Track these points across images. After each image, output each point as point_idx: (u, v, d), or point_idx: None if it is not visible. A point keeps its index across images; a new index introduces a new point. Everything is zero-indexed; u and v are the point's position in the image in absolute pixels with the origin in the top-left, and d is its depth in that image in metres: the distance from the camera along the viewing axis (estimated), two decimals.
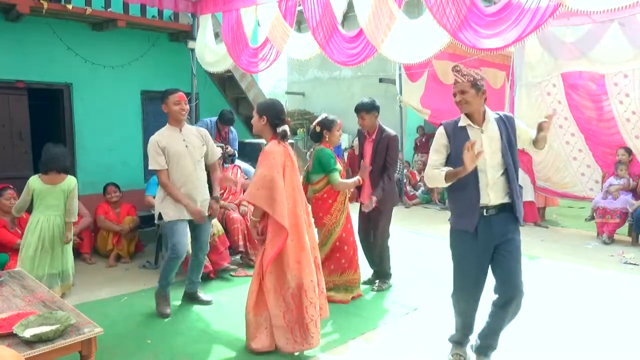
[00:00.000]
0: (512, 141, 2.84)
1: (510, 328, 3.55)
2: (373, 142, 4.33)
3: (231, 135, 6.42)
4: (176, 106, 3.76)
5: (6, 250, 4.45)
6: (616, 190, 6.32)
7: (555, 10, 3.41)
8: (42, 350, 2.13)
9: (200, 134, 3.95)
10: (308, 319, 3.08)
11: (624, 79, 6.42)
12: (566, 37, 6.75)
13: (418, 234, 6.83)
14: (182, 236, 3.77)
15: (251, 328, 3.18)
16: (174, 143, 3.75)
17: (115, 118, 6.64)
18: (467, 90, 2.76)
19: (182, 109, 3.78)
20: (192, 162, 3.80)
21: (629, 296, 4.34)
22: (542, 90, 7.17)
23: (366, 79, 12.47)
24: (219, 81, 7.51)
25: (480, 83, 2.77)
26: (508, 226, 2.83)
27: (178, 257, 3.75)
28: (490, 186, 2.78)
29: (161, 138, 3.74)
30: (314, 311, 3.11)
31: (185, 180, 3.76)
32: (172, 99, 3.76)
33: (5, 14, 5.64)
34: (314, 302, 3.11)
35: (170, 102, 3.77)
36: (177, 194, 3.72)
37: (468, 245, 2.87)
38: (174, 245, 3.72)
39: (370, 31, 4.46)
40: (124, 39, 6.57)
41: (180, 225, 3.77)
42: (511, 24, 3.66)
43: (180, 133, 3.81)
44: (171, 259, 3.76)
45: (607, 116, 6.69)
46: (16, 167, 6.04)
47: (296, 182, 3.21)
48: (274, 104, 3.32)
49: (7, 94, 5.95)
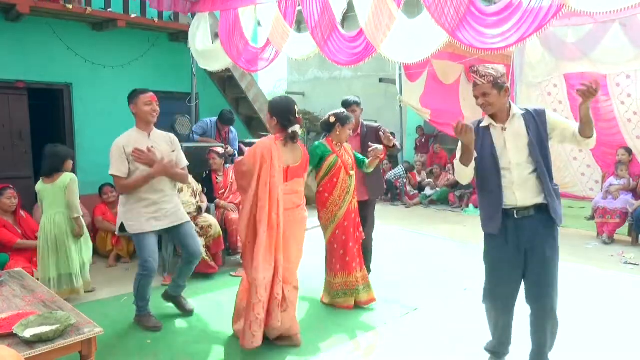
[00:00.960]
0: (542, 137, 2.64)
1: None
2: (359, 136, 4.42)
3: (231, 135, 6.43)
4: (147, 107, 3.43)
5: (6, 250, 4.45)
6: (616, 190, 6.32)
7: (558, 11, 3.39)
8: (42, 350, 2.13)
9: (170, 139, 3.66)
10: (253, 317, 3.04)
11: (626, 79, 6.43)
12: (567, 37, 6.76)
13: (418, 234, 6.83)
14: (153, 251, 3.46)
15: (236, 311, 3.39)
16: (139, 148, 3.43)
17: (115, 118, 6.63)
18: (489, 92, 2.60)
19: (154, 110, 3.46)
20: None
21: (629, 296, 4.34)
22: (543, 91, 7.18)
23: (366, 79, 12.45)
24: (219, 81, 7.51)
25: (501, 81, 2.60)
26: (539, 230, 2.66)
27: (150, 274, 3.46)
28: (517, 185, 2.64)
29: (127, 142, 3.41)
30: (260, 310, 3.05)
31: (149, 188, 3.43)
32: (143, 98, 3.43)
33: (5, 14, 5.65)
34: (262, 300, 3.04)
35: (140, 102, 3.43)
36: (139, 178, 3.38)
37: (497, 249, 2.74)
38: (145, 261, 3.43)
39: (370, 31, 4.46)
40: (124, 39, 6.57)
41: (149, 238, 3.45)
42: (513, 24, 3.64)
43: (148, 138, 3.50)
44: (143, 277, 3.46)
45: (608, 116, 6.70)
46: (16, 167, 6.04)
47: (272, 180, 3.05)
48: (283, 103, 3.23)
49: (7, 94, 5.96)
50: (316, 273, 4.30)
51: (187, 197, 4.85)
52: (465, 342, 3.37)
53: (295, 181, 3.23)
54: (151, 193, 3.45)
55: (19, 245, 4.46)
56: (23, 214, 4.70)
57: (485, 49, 3.79)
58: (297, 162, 3.23)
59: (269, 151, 3.06)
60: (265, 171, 3.04)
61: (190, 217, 4.80)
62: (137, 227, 3.43)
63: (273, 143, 3.11)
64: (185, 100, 6.98)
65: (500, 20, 3.71)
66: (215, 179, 5.42)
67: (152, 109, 3.46)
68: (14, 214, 4.60)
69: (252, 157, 3.07)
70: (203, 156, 5.46)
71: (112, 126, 6.60)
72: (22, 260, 4.34)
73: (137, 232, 3.43)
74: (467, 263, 5.22)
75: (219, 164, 5.38)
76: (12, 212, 4.57)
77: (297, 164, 3.23)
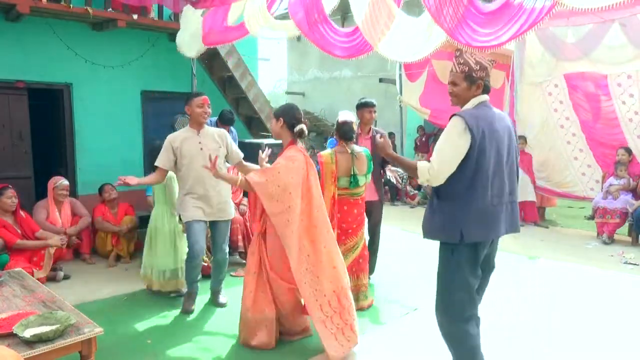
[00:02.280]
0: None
1: (510, 328, 3.56)
2: (370, 139, 4.39)
3: (231, 135, 6.42)
4: (199, 109, 3.81)
5: (6, 250, 4.45)
6: (616, 190, 6.32)
7: (551, 8, 3.39)
8: (42, 350, 2.13)
9: (219, 136, 3.93)
10: (351, 319, 3.16)
11: (627, 79, 6.45)
12: (567, 37, 6.77)
13: (418, 234, 6.80)
14: (199, 237, 3.76)
15: (250, 326, 3.20)
16: (188, 144, 3.78)
17: (115, 118, 6.65)
18: (459, 83, 2.49)
19: (205, 112, 3.83)
20: (206, 163, 3.67)
21: (629, 296, 4.34)
22: (543, 90, 7.18)
23: (366, 79, 12.46)
24: (219, 81, 7.51)
25: (476, 75, 2.44)
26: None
27: (194, 257, 3.76)
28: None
29: (175, 138, 3.81)
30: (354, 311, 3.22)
31: (195, 182, 3.77)
32: (196, 101, 3.83)
33: (5, 14, 5.65)
34: (352, 302, 3.20)
35: (193, 105, 3.82)
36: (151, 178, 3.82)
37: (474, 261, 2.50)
38: (191, 245, 3.76)
39: (367, 29, 4.46)
40: (124, 39, 6.57)
41: (196, 225, 3.76)
42: (507, 22, 3.65)
43: (197, 135, 3.84)
44: (188, 259, 3.81)
45: (610, 116, 6.71)
46: (16, 167, 6.04)
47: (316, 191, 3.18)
48: (289, 106, 3.34)
49: (7, 94, 5.95)
50: None
51: None
52: None
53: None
54: (199, 187, 3.77)
55: (19, 246, 4.46)
56: (23, 214, 4.70)
57: (480, 47, 3.79)
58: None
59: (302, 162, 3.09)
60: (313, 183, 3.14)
61: None
62: (187, 216, 3.80)
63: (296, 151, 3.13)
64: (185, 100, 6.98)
65: (495, 18, 3.72)
66: None
67: (203, 110, 3.83)
68: (13, 214, 4.60)
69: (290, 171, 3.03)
70: None
71: (112, 126, 6.64)
72: (22, 260, 4.34)
73: (187, 219, 3.80)
74: None
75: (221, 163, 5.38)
76: (12, 212, 4.58)
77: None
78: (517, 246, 5.90)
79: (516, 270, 5.07)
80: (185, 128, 3.94)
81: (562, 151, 7.20)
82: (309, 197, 3.11)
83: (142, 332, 3.54)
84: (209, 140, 3.85)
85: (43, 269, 4.49)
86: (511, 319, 3.72)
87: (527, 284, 4.59)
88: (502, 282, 4.63)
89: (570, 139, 7.12)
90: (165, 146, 3.79)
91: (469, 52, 2.54)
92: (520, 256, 5.51)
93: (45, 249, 4.54)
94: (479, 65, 2.45)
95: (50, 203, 5.11)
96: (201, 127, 3.88)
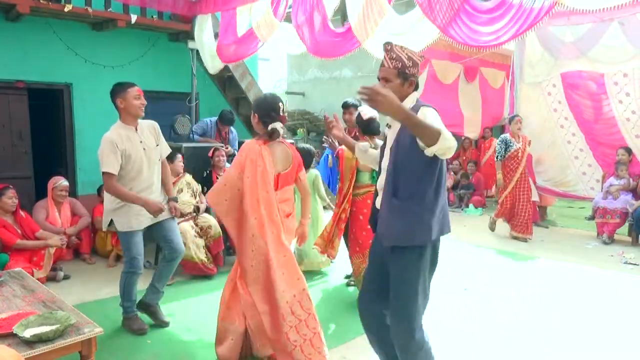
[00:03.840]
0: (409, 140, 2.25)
1: (510, 328, 3.56)
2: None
3: (231, 136, 6.43)
4: (136, 101, 3.32)
5: (6, 250, 4.45)
6: (616, 190, 6.32)
7: (551, 8, 3.39)
8: (42, 350, 2.13)
9: (154, 129, 3.53)
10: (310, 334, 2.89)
11: (623, 78, 6.44)
12: (566, 36, 6.77)
13: None
14: (141, 248, 3.42)
15: (220, 334, 3.03)
16: (133, 147, 3.30)
17: (115, 118, 6.56)
18: (392, 80, 2.27)
19: (143, 104, 3.36)
20: (150, 166, 3.40)
21: (629, 296, 4.34)
22: (543, 90, 7.18)
23: (366, 79, 12.44)
24: (219, 81, 7.50)
25: (410, 71, 2.27)
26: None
27: (137, 272, 3.42)
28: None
29: (119, 139, 3.26)
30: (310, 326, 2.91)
31: (143, 188, 3.35)
32: (132, 92, 3.32)
33: (5, 14, 5.65)
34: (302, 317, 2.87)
35: (130, 96, 3.31)
36: (131, 196, 3.24)
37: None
38: (133, 258, 3.37)
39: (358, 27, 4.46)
40: (124, 39, 6.57)
41: (137, 236, 3.38)
42: (507, 22, 3.65)
43: (136, 133, 3.37)
44: (129, 275, 3.42)
45: (607, 115, 6.70)
46: (16, 167, 6.04)
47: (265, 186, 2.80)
48: (265, 99, 2.96)
49: (7, 94, 5.95)
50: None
51: (186, 197, 4.85)
52: (465, 342, 3.37)
53: (285, 189, 2.96)
54: (139, 188, 3.33)
55: (19, 246, 4.46)
56: (23, 214, 4.70)
57: (478, 46, 3.79)
58: (288, 168, 2.95)
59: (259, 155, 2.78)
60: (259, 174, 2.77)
61: (189, 218, 4.82)
62: (128, 225, 3.33)
63: (261, 146, 2.82)
64: (185, 100, 6.98)
65: (494, 18, 3.72)
66: (216, 178, 5.41)
67: (141, 102, 3.35)
68: (13, 214, 4.60)
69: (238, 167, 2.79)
70: (203, 156, 5.45)
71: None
72: (22, 260, 4.34)
73: (126, 229, 3.33)
74: (467, 263, 5.23)
75: (223, 162, 5.36)
76: (12, 212, 4.58)
77: (288, 169, 2.95)
78: (517, 246, 5.90)
79: (516, 270, 5.07)
80: (118, 124, 3.39)
81: (563, 150, 7.19)
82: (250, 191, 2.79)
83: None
84: (146, 137, 3.42)
85: (43, 269, 4.49)
86: (511, 319, 3.72)
87: (527, 284, 4.59)
88: (502, 282, 4.63)
89: (570, 139, 7.12)
90: (110, 148, 3.20)
91: (398, 46, 2.31)
92: (520, 256, 5.54)
93: (45, 249, 4.54)
94: (411, 61, 2.28)
95: (50, 203, 5.11)
96: (137, 123, 3.39)
